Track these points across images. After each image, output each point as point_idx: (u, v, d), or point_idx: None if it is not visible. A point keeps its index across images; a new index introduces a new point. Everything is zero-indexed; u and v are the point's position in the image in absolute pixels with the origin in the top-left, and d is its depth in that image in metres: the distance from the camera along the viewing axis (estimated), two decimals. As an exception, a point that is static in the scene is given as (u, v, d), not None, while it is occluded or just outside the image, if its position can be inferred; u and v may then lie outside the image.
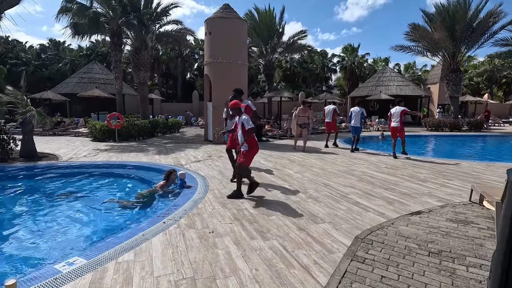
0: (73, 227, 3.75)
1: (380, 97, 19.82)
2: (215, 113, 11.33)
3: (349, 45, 31.86)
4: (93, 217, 4.10)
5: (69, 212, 4.27)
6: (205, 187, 5.00)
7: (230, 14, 11.25)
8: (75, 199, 4.83)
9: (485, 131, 18.04)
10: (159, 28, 15.54)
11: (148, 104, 15.90)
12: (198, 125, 20.69)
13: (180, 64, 28.05)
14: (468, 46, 17.26)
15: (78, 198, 4.88)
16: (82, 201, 4.74)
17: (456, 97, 18.18)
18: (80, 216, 4.13)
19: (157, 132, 14.62)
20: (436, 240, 3.03)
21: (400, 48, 19.49)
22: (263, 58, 17.77)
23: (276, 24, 17.88)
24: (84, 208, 4.40)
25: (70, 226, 3.79)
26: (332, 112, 9.79)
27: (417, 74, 33.72)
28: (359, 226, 3.41)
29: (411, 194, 4.65)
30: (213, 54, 11.19)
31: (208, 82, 11.99)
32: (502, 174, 6.06)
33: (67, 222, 3.90)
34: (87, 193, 5.17)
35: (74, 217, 4.07)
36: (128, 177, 6.05)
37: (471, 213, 3.82)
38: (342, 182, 5.41)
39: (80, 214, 4.20)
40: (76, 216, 4.13)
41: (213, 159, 7.68)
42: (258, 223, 3.44)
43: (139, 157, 8.03)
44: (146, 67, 15.07)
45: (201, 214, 3.72)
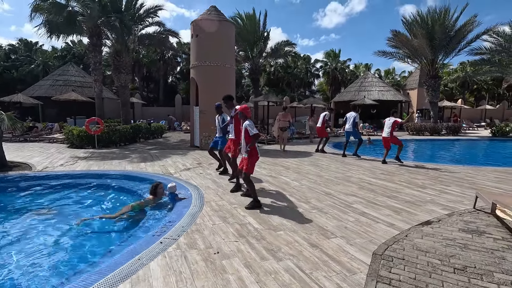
0: (51, 252, 3.26)
1: (364, 102, 20.18)
2: (202, 118, 10.93)
3: (331, 51, 32.47)
4: (75, 238, 3.62)
5: (46, 232, 3.76)
6: (200, 198, 4.63)
7: (218, 17, 10.95)
8: (52, 217, 4.29)
9: (461, 135, 18.78)
10: (141, 30, 14.97)
11: (129, 109, 15.18)
12: (182, 130, 20.09)
13: (162, 67, 27.27)
14: (446, 53, 17.98)
15: (55, 215, 4.35)
16: (60, 218, 4.22)
17: (435, 102, 18.84)
18: (60, 237, 3.63)
19: (139, 137, 13.96)
20: (456, 254, 2.87)
21: (382, 53, 20.02)
22: (249, 62, 17.57)
23: (260, 28, 17.77)
24: (64, 227, 3.90)
25: (47, 251, 3.29)
26: (322, 118, 9.77)
27: (397, 80, 34.91)
28: (373, 240, 3.20)
29: (415, 202, 4.54)
30: (200, 57, 10.83)
31: (194, 85, 11.59)
32: (495, 178, 6.14)
33: (43, 246, 3.39)
34: (66, 209, 4.64)
35: (52, 239, 3.57)
36: (113, 188, 5.54)
37: (480, 222, 3.73)
38: (342, 190, 5.23)
39: (60, 235, 3.70)
40: (54, 237, 3.62)
41: (204, 167, 7.29)
42: (266, 240, 3.15)
43: (123, 165, 7.48)
44: (128, 69, 14.39)
45: (201, 231, 3.36)
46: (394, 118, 7.85)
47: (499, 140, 16.13)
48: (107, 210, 4.60)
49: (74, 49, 28.68)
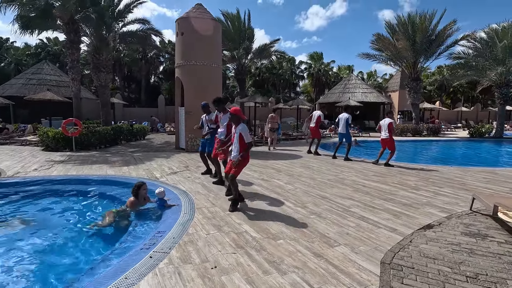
0: (22, 269, 2.87)
1: (350, 104, 20.41)
2: (188, 119, 10.55)
3: (315, 53, 32.79)
4: (48, 253, 3.23)
5: (17, 246, 3.34)
6: (190, 205, 4.33)
7: (204, 15, 10.63)
8: (25, 228, 3.86)
9: (441, 136, 19.39)
10: (122, 26, 14.34)
11: (110, 109, 14.50)
12: (166, 132, 19.49)
13: (144, 66, 26.41)
14: (427, 57, 18.51)
15: (28, 227, 3.91)
16: (35, 230, 3.79)
17: (417, 104, 19.36)
18: (34, 252, 3.23)
19: (120, 139, 13.34)
20: (465, 261, 2.76)
21: (366, 56, 20.37)
22: (234, 62, 17.30)
23: (245, 27, 17.55)
24: (38, 240, 3.49)
25: (17, 267, 2.90)
26: (316, 118, 9.58)
27: (379, 82, 35.77)
28: (378, 247, 3.04)
29: (412, 205, 4.46)
30: (185, 56, 10.45)
31: (179, 85, 11.19)
32: (483, 179, 6.23)
33: (14, 262, 2.99)
34: (41, 219, 4.19)
35: (26, 254, 3.17)
36: (94, 195, 5.11)
37: (480, 225, 3.68)
38: (337, 193, 5.09)
39: (34, 248, 3.29)
40: (27, 251, 3.22)
41: (191, 171, 6.96)
42: (267, 251, 2.91)
43: (104, 169, 7.01)
44: (108, 68, 13.74)
45: (194, 242, 3.08)
46: (389, 119, 7.82)
47: (476, 140, 16.76)
48: (87, 218, 4.19)
49: (49, 47, 27.25)
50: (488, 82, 18.68)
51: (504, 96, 17.47)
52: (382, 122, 7.91)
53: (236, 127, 4.27)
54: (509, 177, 6.40)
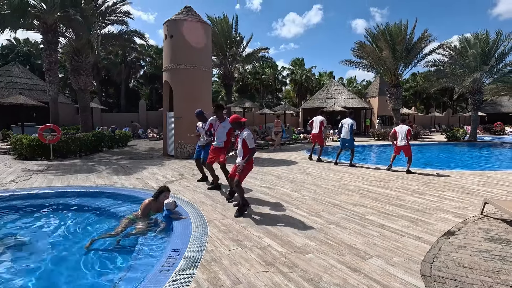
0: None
1: (334, 109, 20.77)
2: (177, 125, 10.15)
3: (297, 59, 33.26)
4: (48, 277, 2.81)
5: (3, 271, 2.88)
6: (199, 217, 4.02)
7: (194, 17, 10.35)
8: (10, 249, 3.37)
9: (420, 140, 20.18)
10: (103, 28, 13.66)
11: (90, 114, 13.68)
12: (148, 138, 18.74)
13: (123, 70, 25.38)
14: (406, 64, 19.28)
15: (15, 248, 3.43)
16: (25, 251, 3.32)
17: (398, 110, 20.05)
18: (26, 276, 2.79)
19: (102, 146, 12.60)
20: (501, 269, 2.70)
21: (348, 62, 20.87)
22: (221, 67, 17.04)
23: (232, 32, 17.41)
24: (30, 263, 3.04)
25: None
26: (319, 123, 9.46)
27: (358, 88, 36.90)
28: (411, 257, 2.92)
29: (424, 210, 4.44)
30: (174, 59, 10.09)
31: (168, 90, 10.77)
32: (478, 182, 6.40)
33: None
34: (29, 239, 3.70)
35: (15, 279, 2.73)
36: (88, 209, 4.63)
37: (497, 229, 3.69)
38: (347, 200, 4.98)
39: (25, 272, 2.85)
40: (17, 276, 2.78)
41: (188, 179, 6.60)
42: (299, 267, 2.70)
43: (92, 179, 6.48)
44: (88, 71, 13.01)
45: (218, 261, 2.80)
46: (407, 126, 7.85)
47: (453, 144, 17.58)
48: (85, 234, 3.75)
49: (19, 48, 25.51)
50: (462, 89, 19.75)
51: (477, 102, 18.54)
52: (399, 129, 7.90)
53: (240, 133, 4.25)
54: (500, 180, 6.64)
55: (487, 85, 20.99)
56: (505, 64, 18.43)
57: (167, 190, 4.16)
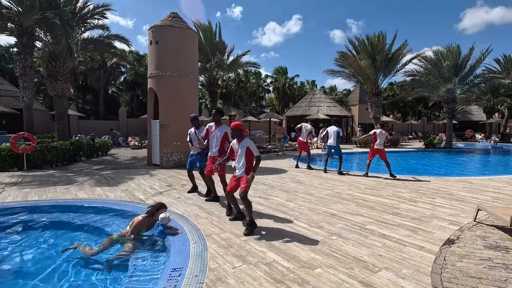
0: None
1: (318, 117, 21.08)
2: (162, 133, 9.83)
3: (280, 68, 33.71)
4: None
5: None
6: (196, 231, 3.81)
7: (181, 24, 10.18)
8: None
9: (400, 147, 20.87)
10: (83, 32, 13.14)
11: (67, 122, 12.99)
12: (129, 146, 18.07)
13: (103, 76, 24.49)
14: (385, 74, 20.04)
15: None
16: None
17: (378, 117, 20.69)
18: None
19: (80, 156, 11.96)
20: (508, 278, 2.72)
21: (331, 72, 21.38)
22: (205, 74, 16.85)
23: (217, 40, 17.34)
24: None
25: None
26: (308, 132, 9.55)
27: (339, 96, 37.87)
28: (419, 268, 2.89)
29: (420, 218, 4.47)
30: (160, 66, 9.83)
31: (152, 97, 10.45)
32: (464, 188, 6.61)
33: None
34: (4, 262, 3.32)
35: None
36: (72, 225, 4.27)
37: (493, 236, 3.77)
38: (343, 209, 4.94)
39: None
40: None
41: (178, 190, 6.33)
42: (310, 284, 2.57)
43: (73, 191, 6.05)
44: (66, 76, 12.40)
45: (224, 280, 2.62)
46: (386, 132, 8.04)
47: (432, 151, 18.31)
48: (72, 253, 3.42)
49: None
50: (437, 98, 20.73)
51: (451, 111, 19.51)
52: (379, 133, 8.03)
53: (239, 141, 4.06)
54: (483, 186, 6.90)
55: (458, 94, 22.23)
56: (475, 76, 19.63)
57: (164, 207, 3.85)
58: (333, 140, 8.54)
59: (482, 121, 32.27)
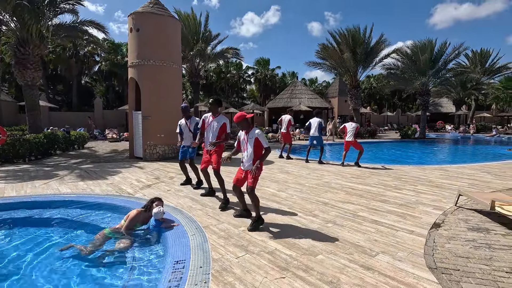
0: None
1: (301, 109, 21.31)
2: (145, 124, 9.51)
3: (261, 59, 33.53)
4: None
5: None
6: (192, 223, 3.76)
7: (163, 11, 9.78)
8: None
9: (377, 137, 21.66)
10: (53, 17, 12.26)
11: (39, 113, 12.20)
12: (107, 139, 17.35)
13: (74, 66, 23.10)
14: (364, 67, 20.54)
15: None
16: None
17: (357, 109, 21.28)
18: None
19: (55, 149, 11.34)
20: (493, 256, 2.94)
21: (312, 64, 21.59)
22: (187, 64, 16.41)
23: (201, 29, 16.87)
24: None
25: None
26: (287, 122, 9.59)
27: (319, 88, 38.42)
28: (413, 251, 3.05)
29: (407, 205, 4.70)
30: (142, 54, 9.43)
31: (133, 87, 10.05)
32: (441, 176, 7.00)
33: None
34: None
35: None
36: (58, 222, 4.06)
37: (474, 219, 4.04)
38: (334, 197, 5.08)
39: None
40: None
41: (167, 182, 6.20)
42: (315, 270, 2.64)
43: (54, 186, 5.74)
44: (37, 64, 11.58)
45: (229, 270, 2.62)
46: (356, 123, 8.25)
47: (407, 141, 19.18)
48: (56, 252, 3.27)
49: None
50: (412, 90, 21.63)
51: (425, 103, 20.46)
52: (349, 126, 8.27)
53: (248, 132, 3.79)
54: (459, 173, 7.35)
55: (431, 87, 23.33)
56: (447, 70, 20.65)
57: (159, 200, 3.76)
58: (315, 131, 8.73)
59: (451, 113, 34.16)
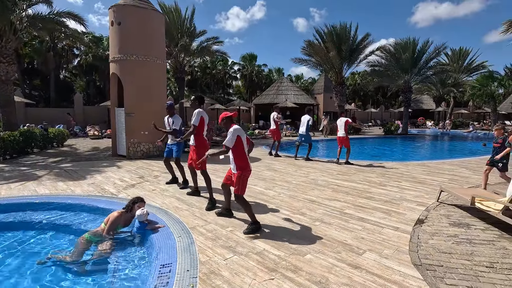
0: None
1: (287, 105, 21.35)
2: (128, 122, 9.24)
3: (248, 55, 33.27)
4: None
5: None
6: (179, 224, 3.68)
7: (146, 4, 9.48)
8: None
9: (362, 134, 22.07)
10: (27, 7, 11.63)
11: (14, 110, 11.61)
12: (88, 136, 16.77)
13: (52, 59, 22.07)
14: (349, 64, 20.78)
15: None
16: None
17: (343, 106, 21.55)
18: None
19: (32, 147, 10.84)
20: (474, 252, 3.03)
21: (298, 60, 21.62)
22: (172, 59, 16.03)
23: (187, 23, 16.49)
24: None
25: None
26: (275, 119, 9.55)
27: (305, 85, 38.63)
28: (399, 248, 3.11)
29: (391, 201, 4.79)
30: (124, 49, 9.12)
31: (116, 83, 9.72)
32: (423, 172, 7.20)
33: None
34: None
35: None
36: (33, 225, 3.87)
37: (455, 214, 4.17)
38: (321, 195, 5.12)
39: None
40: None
41: (151, 182, 6.05)
42: (303, 270, 2.63)
43: (31, 187, 5.47)
44: (10, 58, 11.00)
45: (217, 273, 2.57)
46: (345, 118, 8.27)
47: (390, 137, 19.66)
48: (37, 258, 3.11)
49: None
50: (395, 87, 22.13)
51: (408, 100, 20.99)
52: (339, 122, 8.34)
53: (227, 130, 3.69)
54: (440, 169, 7.58)
55: (413, 84, 23.96)
56: (428, 68, 21.23)
57: (141, 200, 3.63)
58: (304, 128, 8.75)
59: (431, 109, 35.27)
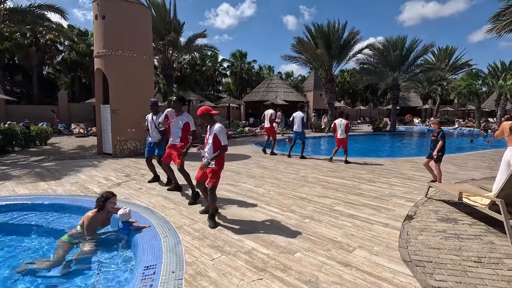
0: None
1: (277, 102, 21.30)
2: (114, 119, 8.99)
3: (237, 51, 33.03)
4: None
5: None
6: (165, 224, 3.56)
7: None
8: None
9: (351, 131, 22.23)
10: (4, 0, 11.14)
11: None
12: (73, 134, 16.28)
13: (35, 54, 21.29)
14: (339, 61, 20.87)
15: None
16: None
17: (332, 103, 21.66)
18: None
19: (13, 146, 10.43)
20: (462, 247, 3.04)
21: (288, 58, 21.58)
22: (160, 55, 15.71)
23: (171, 18, 16.16)
24: None
25: None
26: (269, 116, 9.43)
27: (295, 82, 38.69)
28: (389, 244, 3.09)
29: (381, 197, 4.80)
30: (109, 44, 8.84)
31: (100, 79, 9.43)
32: (412, 168, 7.28)
33: None
34: None
35: None
36: (14, 229, 3.67)
37: (443, 210, 4.20)
38: (311, 192, 5.08)
39: None
40: None
41: (138, 180, 5.88)
42: (293, 269, 2.57)
43: (10, 187, 5.23)
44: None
45: (204, 274, 2.48)
46: (345, 120, 8.05)
47: (379, 134, 19.90)
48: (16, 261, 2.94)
49: None
50: (384, 85, 22.39)
51: (396, 97, 21.28)
52: (338, 122, 8.14)
53: (211, 127, 3.73)
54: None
55: (401, 82, 24.32)
56: (416, 66, 21.56)
57: (112, 195, 3.44)
58: (298, 126, 8.68)
59: (418, 107, 35.93)
